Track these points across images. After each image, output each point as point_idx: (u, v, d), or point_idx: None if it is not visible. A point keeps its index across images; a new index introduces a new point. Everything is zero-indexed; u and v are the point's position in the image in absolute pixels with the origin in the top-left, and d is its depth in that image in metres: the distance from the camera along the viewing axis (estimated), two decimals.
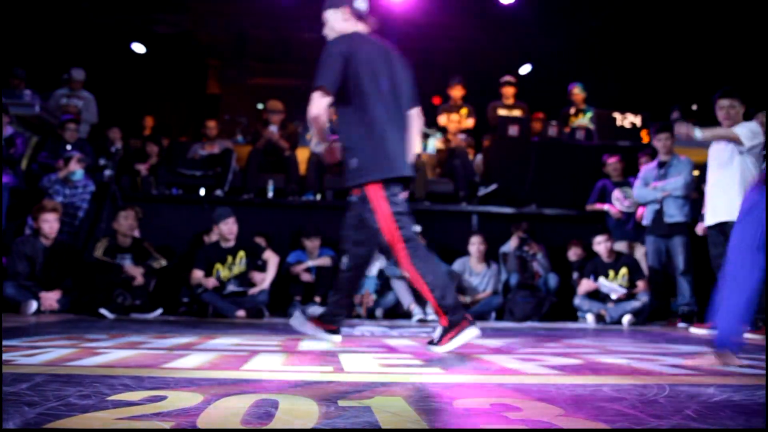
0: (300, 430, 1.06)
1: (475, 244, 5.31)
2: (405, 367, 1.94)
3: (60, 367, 1.75)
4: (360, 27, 2.54)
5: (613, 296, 4.90)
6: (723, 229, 3.89)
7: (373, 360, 2.10)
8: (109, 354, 2.09)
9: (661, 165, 4.96)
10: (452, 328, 2.26)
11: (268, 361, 2.00)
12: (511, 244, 5.42)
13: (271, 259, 4.88)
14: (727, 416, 1.24)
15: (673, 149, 4.96)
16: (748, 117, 4.01)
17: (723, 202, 3.92)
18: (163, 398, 1.31)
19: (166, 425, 1.07)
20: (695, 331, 4.09)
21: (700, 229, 4.52)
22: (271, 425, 1.09)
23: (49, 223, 4.54)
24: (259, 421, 1.12)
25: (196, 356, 2.10)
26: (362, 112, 2.39)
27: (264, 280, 4.81)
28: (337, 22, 2.54)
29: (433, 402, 1.33)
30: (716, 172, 4.04)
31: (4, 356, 1.93)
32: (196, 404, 1.25)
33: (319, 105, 2.32)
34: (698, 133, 3.85)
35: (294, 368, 1.86)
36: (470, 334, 2.28)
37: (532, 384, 1.63)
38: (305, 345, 2.60)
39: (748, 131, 3.82)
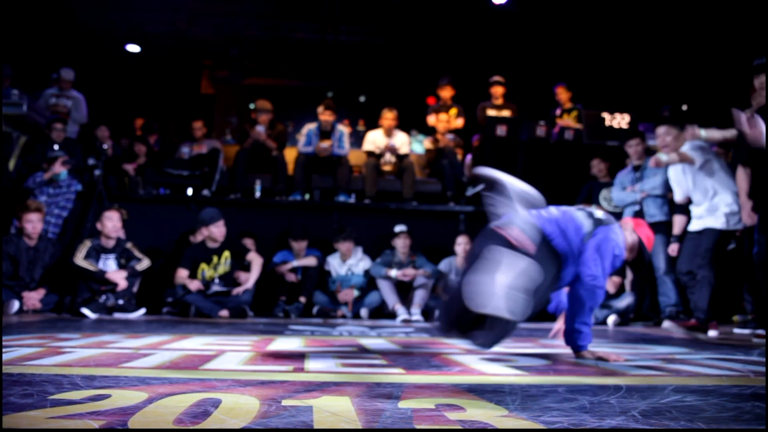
0: (229, 430, 1.05)
1: (462, 245, 5.30)
2: (367, 367, 1.93)
3: (16, 367, 1.73)
4: None
5: None
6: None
7: (337, 360, 2.09)
8: (73, 353, 2.08)
9: (636, 169, 5.01)
10: None
11: (231, 361, 1.99)
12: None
13: (255, 260, 4.87)
14: (671, 417, 1.23)
15: (644, 154, 5.00)
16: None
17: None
18: (106, 397, 1.30)
19: (96, 424, 1.06)
20: (668, 326, 4.06)
21: (674, 250, 4.44)
22: (203, 425, 1.07)
23: (33, 224, 4.53)
24: (193, 420, 1.11)
25: (160, 355, 2.08)
26: None
27: (248, 279, 4.79)
28: None
29: (379, 402, 1.32)
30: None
31: None
32: (136, 403, 1.24)
33: None
34: (703, 133, 3.90)
35: (254, 368, 1.85)
36: None
37: (488, 384, 1.62)
38: (276, 345, 2.58)
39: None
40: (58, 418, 1.10)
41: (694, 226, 4.04)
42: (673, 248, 4.36)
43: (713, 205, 3.94)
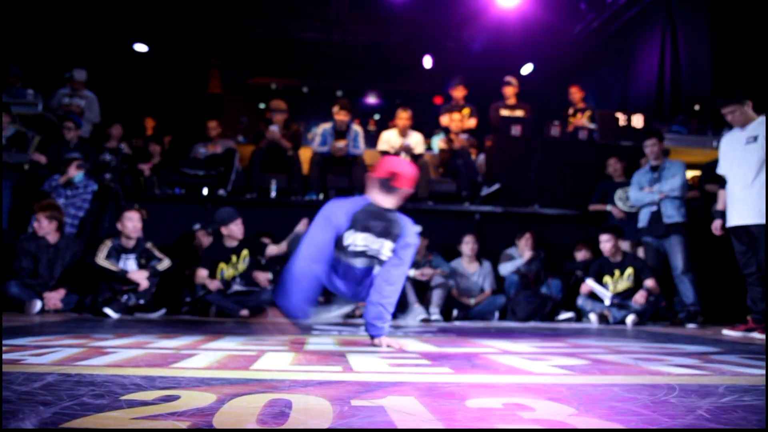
0: (317, 430, 1.06)
1: (469, 243, 5.32)
2: (414, 367, 1.94)
3: (70, 367, 1.75)
4: None
5: (606, 302, 4.88)
6: (748, 229, 3.86)
7: (381, 360, 2.10)
8: (117, 353, 2.09)
9: (654, 169, 5.00)
10: None
11: (277, 361, 2.00)
12: (525, 257, 5.33)
13: (281, 245, 4.87)
14: (739, 416, 1.24)
15: (661, 153, 4.99)
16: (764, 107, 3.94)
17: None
18: (176, 398, 1.31)
19: (183, 425, 1.07)
20: (729, 333, 3.93)
21: (717, 227, 4.17)
22: (287, 425, 1.09)
23: (39, 223, 4.53)
24: (275, 420, 1.12)
25: (204, 356, 2.10)
26: None
27: (267, 277, 4.81)
28: None
29: (446, 402, 1.33)
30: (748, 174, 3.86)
31: (13, 356, 1.93)
32: (209, 404, 1.25)
33: None
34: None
35: (303, 368, 1.86)
36: None
37: (542, 384, 1.63)
38: (311, 345, 2.60)
39: None
40: (141, 419, 1.11)
41: None
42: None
43: None
